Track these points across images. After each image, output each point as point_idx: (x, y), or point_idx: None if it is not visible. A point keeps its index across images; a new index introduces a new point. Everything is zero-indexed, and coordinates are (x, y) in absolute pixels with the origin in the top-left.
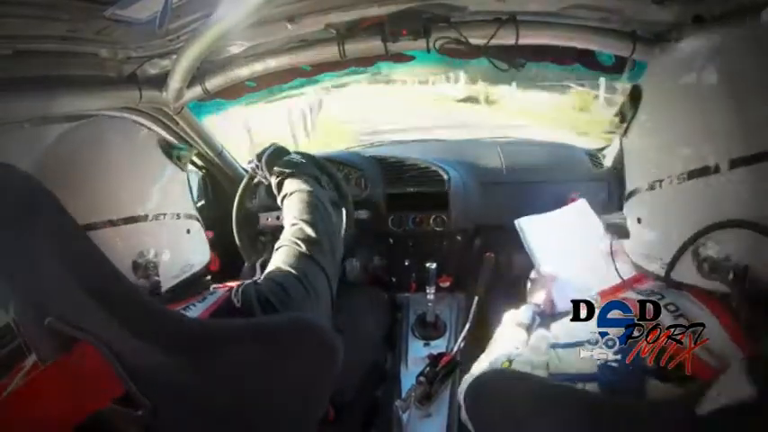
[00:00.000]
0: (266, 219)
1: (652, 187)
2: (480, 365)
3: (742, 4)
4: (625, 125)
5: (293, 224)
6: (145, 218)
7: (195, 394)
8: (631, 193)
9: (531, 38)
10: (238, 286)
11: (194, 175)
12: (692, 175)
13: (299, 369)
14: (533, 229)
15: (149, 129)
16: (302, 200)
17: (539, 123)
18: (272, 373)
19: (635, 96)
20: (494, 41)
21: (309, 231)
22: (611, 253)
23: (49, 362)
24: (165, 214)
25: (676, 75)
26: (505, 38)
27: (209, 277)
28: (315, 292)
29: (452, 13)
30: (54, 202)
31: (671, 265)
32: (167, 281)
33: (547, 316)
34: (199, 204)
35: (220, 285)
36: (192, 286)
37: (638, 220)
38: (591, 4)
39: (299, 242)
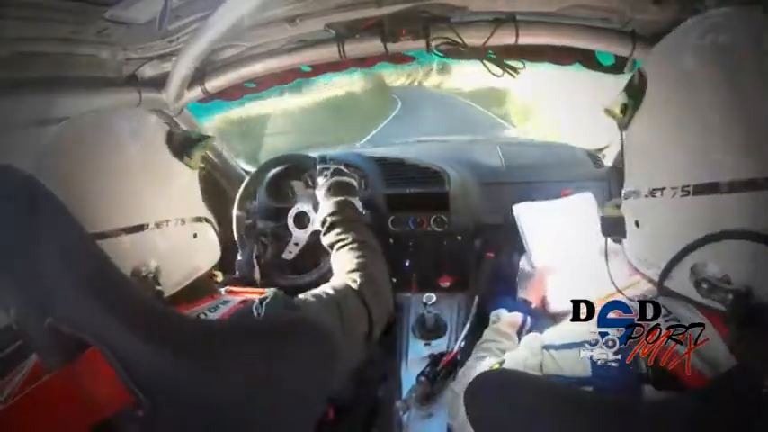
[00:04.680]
0: (263, 225)
1: (653, 194)
2: (469, 369)
3: (742, 4)
4: (627, 117)
5: (351, 270)
6: (145, 227)
7: (195, 394)
8: (630, 193)
9: (530, 38)
10: (261, 299)
11: None
12: (697, 190)
13: (299, 368)
14: (531, 217)
15: (157, 121)
16: (362, 248)
17: None
18: (272, 372)
19: (639, 84)
20: (493, 42)
21: (365, 277)
22: (605, 254)
23: (51, 367)
24: (168, 221)
25: (682, 87)
26: (505, 38)
27: (219, 279)
28: (350, 326)
29: (452, 14)
30: (55, 202)
31: (663, 275)
32: (170, 288)
33: (538, 314)
34: None
35: (233, 290)
36: (199, 288)
37: (636, 224)
38: (590, 4)
39: (353, 280)
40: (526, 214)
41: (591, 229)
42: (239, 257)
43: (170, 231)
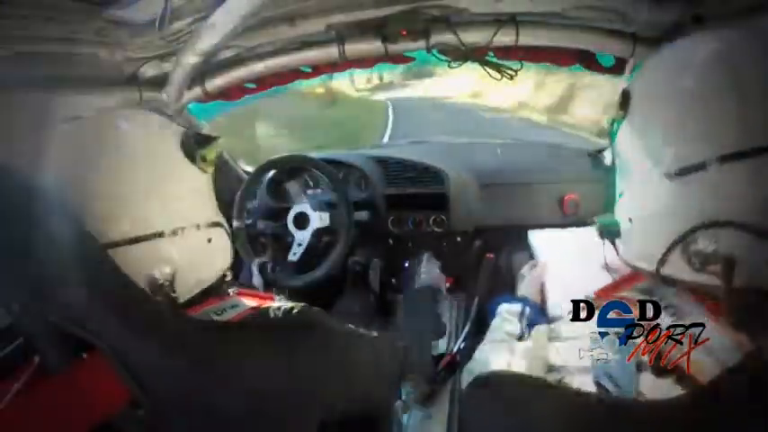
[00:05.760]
0: (263, 225)
1: (642, 186)
2: (479, 358)
3: (743, 5)
4: (616, 128)
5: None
6: (161, 235)
7: (197, 393)
8: (622, 193)
9: (530, 39)
10: (280, 306)
11: None
12: (681, 172)
13: (305, 368)
14: (545, 244)
15: (170, 125)
16: None
17: None
18: (276, 372)
19: (624, 101)
20: (494, 43)
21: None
22: (606, 264)
23: (52, 367)
24: (183, 228)
25: (663, 74)
26: (505, 39)
27: (227, 278)
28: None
29: (452, 15)
30: (57, 201)
31: (661, 263)
32: (184, 294)
33: (537, 308)
34: None
35: (243, 292)
36: (206, 289)
37: (630, 220)
38: (591, 5)
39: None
40: (540, 242)
41: (595, 251)
42: (254, 271)
43: (186, 238)
